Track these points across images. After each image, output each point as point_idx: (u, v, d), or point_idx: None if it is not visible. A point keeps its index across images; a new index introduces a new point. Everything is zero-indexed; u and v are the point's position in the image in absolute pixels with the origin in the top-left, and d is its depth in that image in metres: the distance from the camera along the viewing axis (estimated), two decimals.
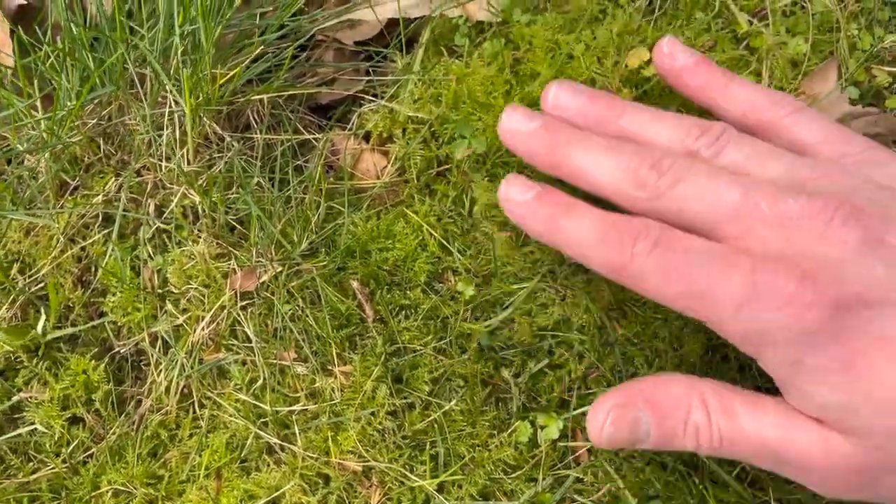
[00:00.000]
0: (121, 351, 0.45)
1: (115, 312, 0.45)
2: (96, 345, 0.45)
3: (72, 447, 0.43)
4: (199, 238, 0.44)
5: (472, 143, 0.45)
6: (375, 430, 0.41)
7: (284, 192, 0.46)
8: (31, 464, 0.43)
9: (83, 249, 0.46)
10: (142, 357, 0.45)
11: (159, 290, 0.45)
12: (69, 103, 0.46)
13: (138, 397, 0.44)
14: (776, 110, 0.38)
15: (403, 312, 0.43)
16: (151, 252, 0.45)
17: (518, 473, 0.41)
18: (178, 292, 0.44)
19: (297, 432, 0.41)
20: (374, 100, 0.49)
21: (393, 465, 0.40)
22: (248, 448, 0.42)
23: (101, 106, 0.48)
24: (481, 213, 0.44)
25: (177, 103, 0.44)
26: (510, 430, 0.41)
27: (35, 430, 0.43)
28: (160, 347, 0.44)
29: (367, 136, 0.49)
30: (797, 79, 0.46)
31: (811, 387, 0.31)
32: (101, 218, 0.46)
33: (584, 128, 0.38)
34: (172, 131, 0.45)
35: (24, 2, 0.53)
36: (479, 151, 0.45)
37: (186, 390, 0.43)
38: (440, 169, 0.47)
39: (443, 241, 0.44)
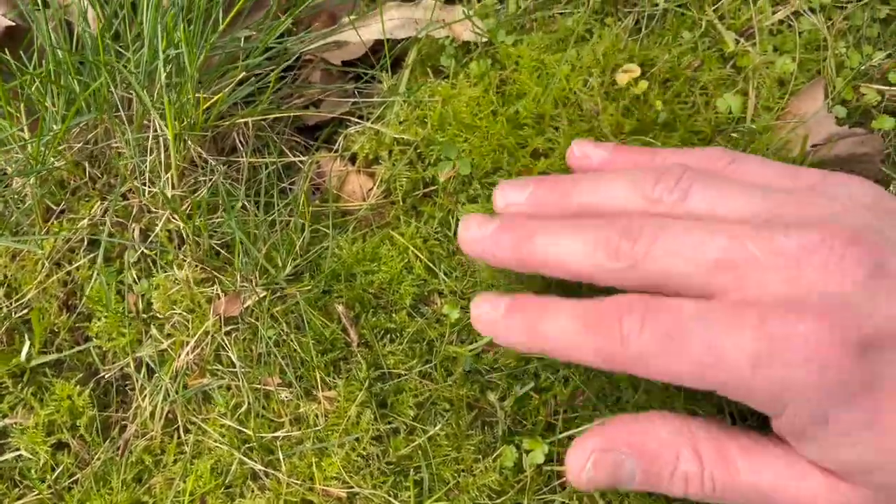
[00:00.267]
0: (106, 376, 0.45)
1: (100, 337, 0.45)
2: (81, 369, 0.45)
3: (57, 473, 0.43)
4: (184, 263, 0.44)
5: (458, 165, 0.45)
6: (360, 456, 0.41)
7: (269, 215, 0.46)
8: (16, 489, 0.43)
9: (69, 274, 0.46)
10: (127, 382, 0.45)
11: (144, 315, 0.45)
12: (55, 126, 0.46)
13: (123, 422, 0.44)
14: (716, 162, 0.36)
15: (388, 336, 0.43)
16: (136, 277, 0.45)
17: (503, 499, 0.40)
18: (163, 317, 0.44)
19: (281, 458, 0.41)
20: (359, 122, 0.49)
21: (377, 491, 0.40)
22: (233, 474, 0.42)
23: (87, 129, 0.48)
24: None
25: (161, 128, 0.44)
26: (495, 454, 0.41)
27: (20, 455, 0.43)
28: (145, 373, 0.44)
29: (353, 158, 0.49)
30: (784, 98, 0.45)
31: (834, 442, 0.29)
32: (86, 242, 0.46)
33: (542, 217, 0.36)
34: (157, 155, 0.45)
35: (11, 23, 0.53)
36: (463, 173, 0.45)
37: (171, 415, 0.43)
38: (426, 190, 0.47)
39: (429, 264, 0.44)
